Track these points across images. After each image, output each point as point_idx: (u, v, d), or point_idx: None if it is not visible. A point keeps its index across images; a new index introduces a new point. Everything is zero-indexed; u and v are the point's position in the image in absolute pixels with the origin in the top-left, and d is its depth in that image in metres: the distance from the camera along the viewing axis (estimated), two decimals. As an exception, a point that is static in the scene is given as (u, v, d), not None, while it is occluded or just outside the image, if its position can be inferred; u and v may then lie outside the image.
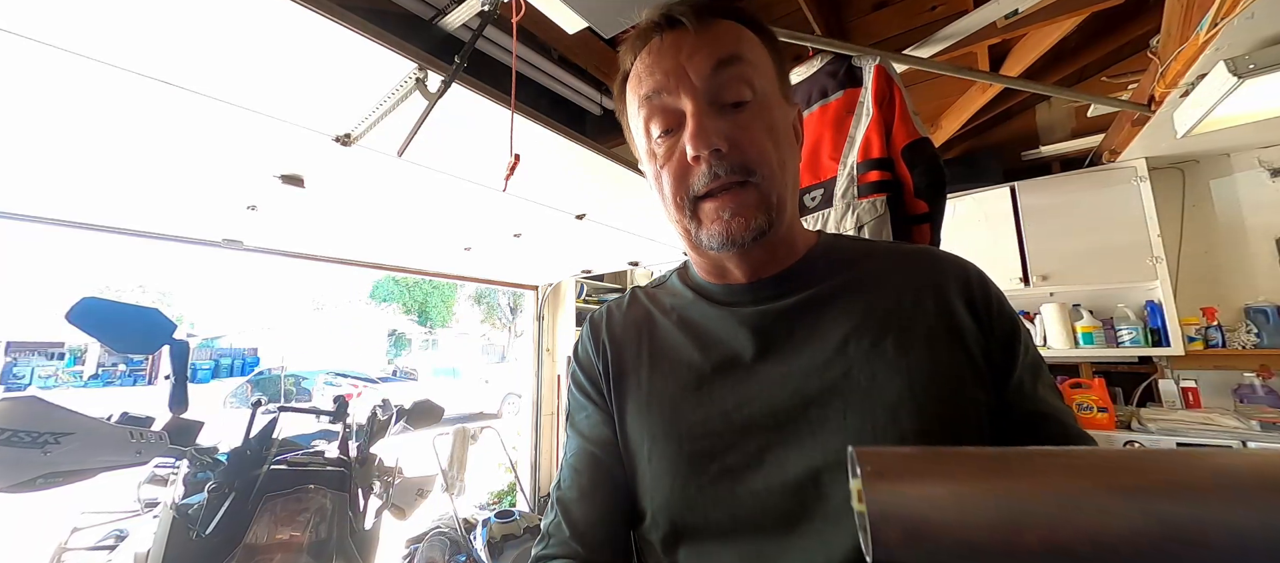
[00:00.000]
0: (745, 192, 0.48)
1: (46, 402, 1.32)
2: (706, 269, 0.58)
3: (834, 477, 0.43)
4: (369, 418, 2.14)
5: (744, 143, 0.47)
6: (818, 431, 0.45)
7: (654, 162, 0.52)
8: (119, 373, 16.75)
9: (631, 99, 0.53)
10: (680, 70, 0.48)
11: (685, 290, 0.60)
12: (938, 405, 0.45)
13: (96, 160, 1.65)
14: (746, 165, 0.47)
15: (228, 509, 1.52)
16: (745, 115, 0.48)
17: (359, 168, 1.78)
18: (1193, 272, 2.41)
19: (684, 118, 0.48)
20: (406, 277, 16.18)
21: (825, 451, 0.44)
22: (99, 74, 1.18)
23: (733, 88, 0.48)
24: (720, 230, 0.48)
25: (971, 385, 0.46)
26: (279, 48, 1.16)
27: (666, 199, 0.52)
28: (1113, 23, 2.01)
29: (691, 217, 0.50)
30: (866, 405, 0.45)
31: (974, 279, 0.53)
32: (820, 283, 0.53)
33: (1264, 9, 1.24)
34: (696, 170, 0.48)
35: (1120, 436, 2.09)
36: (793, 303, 0.52)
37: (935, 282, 0.52)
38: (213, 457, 1.63)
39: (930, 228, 1.22)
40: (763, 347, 0.51)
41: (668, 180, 0.50)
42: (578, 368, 0.62)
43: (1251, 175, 2.36)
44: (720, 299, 0.56)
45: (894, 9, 1.85)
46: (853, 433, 0.44)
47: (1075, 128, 2.68)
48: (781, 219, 0.50)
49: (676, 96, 0.49)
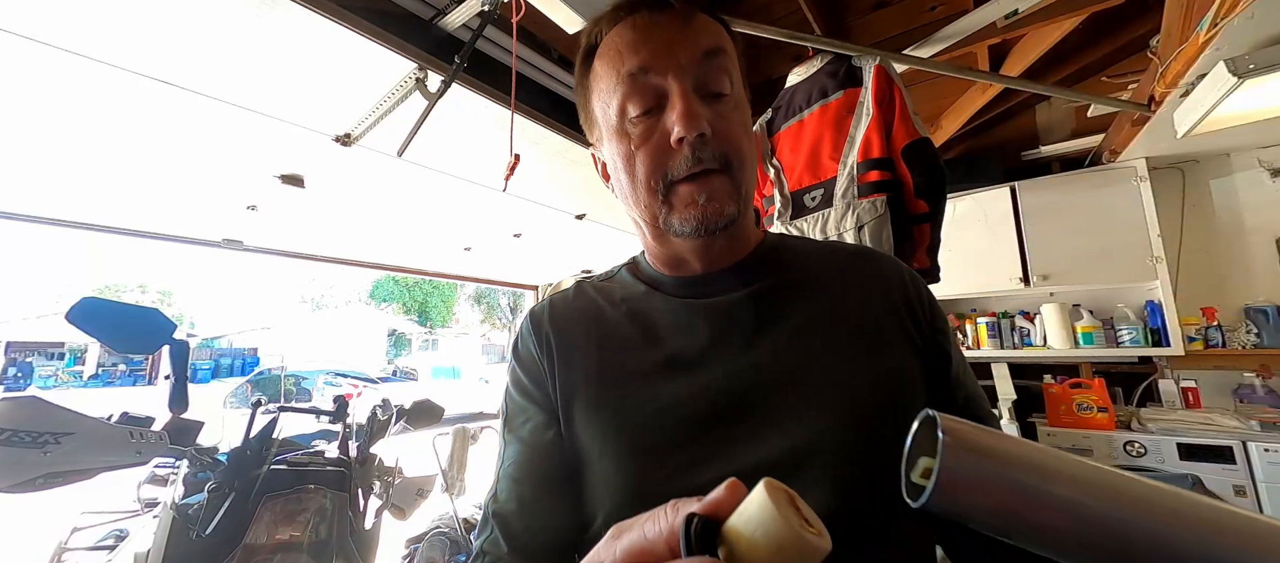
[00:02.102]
0: (722, 178, 0.48)
1: (46, 402, 1.32)
2: (662, 260, 0.57)
3: (792, 465, 0.43)
4: (369, 418, 2.14)
5: (725, 132, 0.48)
6: (777, 420, 0.45)
7: (624, 141, 0.50)
8: (119, 373, 16.76)
9: (605, 74, 0.51)
10: (670, 51, 0.48)
11: (636, 283, 0.59)
12: (887, 394, 0.47)
13: (97, 160, 1.65)
14: (726, 154, 0.48)
15: (228, 509, 1.52)
16: (725, 107, 0.49)
17: (359, 168, 1.78)
18: (1193, 272, 2.41)
19: (666, 100, 0.48)
20: (406, 277, 16.21)
21: (785, 439, 0.44)
22: (99, 74, 1.18)
23: (717, 79, 0.49)
24: (696, 215, 0.48)
25: (915, 376, 0.49)
26: (279, 48, 1.16)
27: (637, 181, 0.50)
28: (1113, 23, 2.01)
29: (664, 201, 0.50)
30: (823, 395, 0.46)
31: (911, 279, 0.55)
32: (773, 276, 0.54)
33: (1264, 9, 1.24)
34: (679, 154, 0.47)
35: (1120, 436, 2.09)
36: (748, 293, 0.52)
37: (879, 280, 0.54)
38: (213, 457, 1.63)
39: (930, 228, 1.22)
40: (719, 337, 0.50)
41: (642, 161, 0.49)
42: (518, 367, 0.58)
43: (1251, 175, 2.36)
44: (674, 291, 0.55)
45: (894, 9, 1.85)
46: (812, 422, 0.45)
47: (1075, 128, 2.68)
48: (746, 211, 0.52)
49: (663, 77, 0.48)
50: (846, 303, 0.52)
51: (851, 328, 0.50)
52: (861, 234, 1.23)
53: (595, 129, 0.56)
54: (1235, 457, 1.88)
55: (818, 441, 0.44)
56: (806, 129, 1.46)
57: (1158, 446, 2.00)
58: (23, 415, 1.26)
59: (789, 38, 1.53)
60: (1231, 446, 1.89)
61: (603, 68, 0.51)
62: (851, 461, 0.44)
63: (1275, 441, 1.84)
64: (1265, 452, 1.83)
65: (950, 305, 2.94)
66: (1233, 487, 1.86)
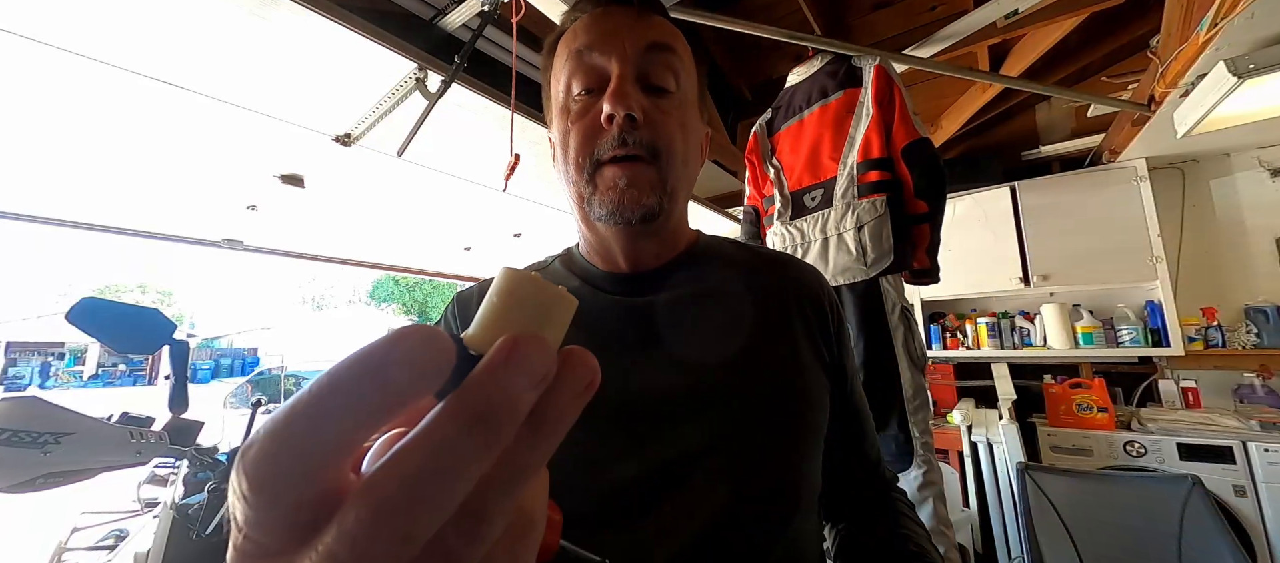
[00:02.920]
0: (646, 168, 0.48)
1: (46, 402, 1.32)
2: (594, 251, 0.58)
3: (698, 463, 0.45)
4: (369, 418, 2.14)
5: (658, 122, 0.49)
6: (686, 419, 0.47)
7: (565, 118, 0.52)
8: (119, 373, 16.75)
9: (561, 54, 0.53)
10: (616, 36, 0.50)
11: (569, 276, 0.59)
12: (802, 397, 0.51)
13: (96, 160, 1.65)
14: (654, 145, 0.48)
15: (228, 509, 1.52)
16: (665, 102, 0.50)
17: (359, 168, 1.78)
18: (1193, 272, 2.41)
19: (607, 81, 0.49)
20: (406, 277, 16.22)
21: (688, 439, 0.46)
22: (99, 74, 1.18)
23: (659, 73, 0.50)
24: (613, 199, 0.48)
25: (820, 386, 0.54)
26: (279, 48, 1.16)
27: (569, 157, 0.51)
28: (1113, 23, 2.01)
29: (589, 181, 0.50)
30: (729, 398, 0.48)
31: (827, 291, 0.60)
32: (702, 280, 0.55)
33: (1264, 9, 1.24)
34: (607, 134, 0.48)
35: (1120, 436, 2.09)
36: (671, 297, 0.53)
37: (796, 288, 0.57)
38: (213, 457, 1.63)
39: (930, 228, 1.22)
40: (641, 336, 0.51)
41: (575, 138, 0.50)
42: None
43: (1251, 175, 2.36)
44: (604, 287, 0.56)
45: (894, 9, 1.85)
46: (713, 422, 0.47)
47: (1075, 128, 2.68)
48: (672, 209, 0.52)
49: (607, 58, 0.49)
50: (769, 309, 0.55)
51: (771, 333, 0.53)
52: (862, 234, 1.23)
53: (549, 111, 0.58)
54: (1235, 457, 1.88)
55: (720, 442, 0.46)
56: (806, 129, 1.46)
57: (1158, 445, 2.00)
58: (23, 415, 1.26)
59: (789, 38, 1.53)
60: (1231, 446, 1.89)
61: (560, 48, 0.54)
62: (753, 461, 0.46)
63: (1275, 441, 1.84)
64: (1265, 452, 1.83)
65: (950, 305, 2.94)
66: (1233, 487, 1.86)
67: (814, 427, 0.51)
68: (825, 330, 0.56)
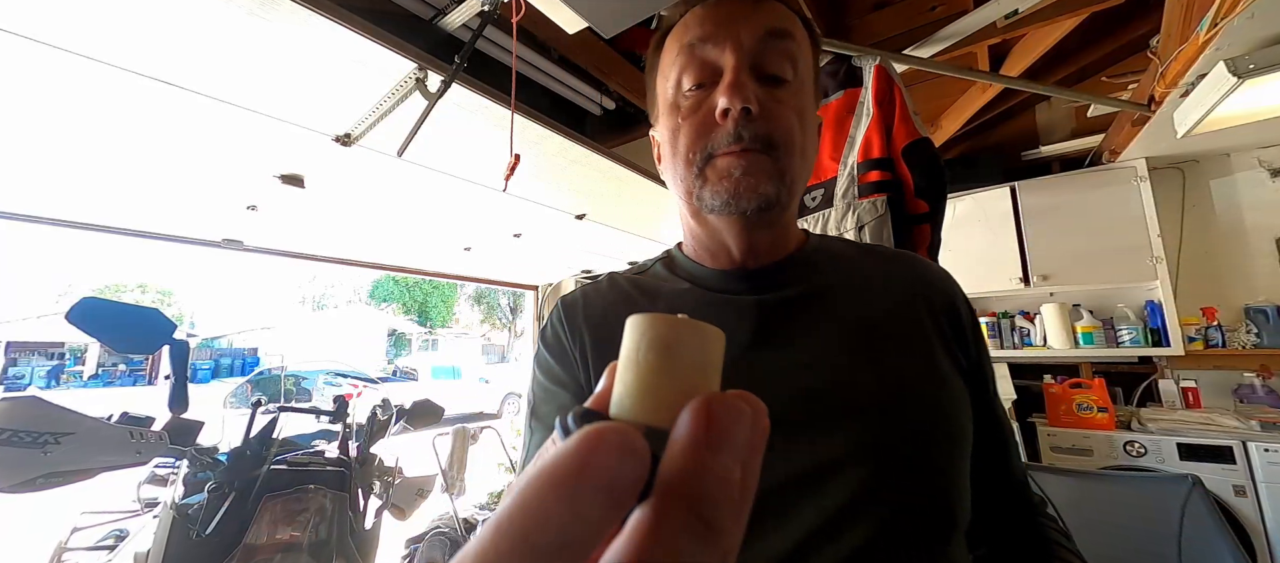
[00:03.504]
0: (763, 157, 0.46)
1: (47, 402, 1.32)
2: (703, 248, 0.54)
3: (835, 474, 0.41)
4: (369, 418, 2.14)
5: (775, 114, 0.46)
6: (819, 426, 0.43)
7: (675, 114, 0.49)
8: (119, 373, 16.76)
9: (670, 49, 0.51)
10: (731, 26, 0.47)
11: (674, 278, 0.56)
12: (948, 405, 0.46)
13: (96, 160, 1.65)
14: (771, 137, 0.46)
15: (228, 509, 1.52)
16: (782, 91, 0.48)
17: (359, 168, 1.78)
18: (1193, 272, 2.41)
19: (720, 74, 0.47)
20: (406, 277, 16.19)
21: (828, 447, 0.42)
22: (99, 74, 1.18)
23: (776, 61, 0.47)
24: (728, 188, 0.46)
25: (961, 395, 0.48)
26: (279, 48, 1.16)
27: (678, 153, 0.49)
28: (1113, 23, 2.01)
29: (699, 174, 0.48)
30: (868, 403, 0.44)
31: (959, 292, 0.55)
32: (818, 277, 0.52)
33: (1264, 9, 1.24)
34: (721, 128, 0.46)
35: (1120, 436, 2.09)
36: (793, 294, 0.50)
37: (925, 289, 0.52)
38: (213, 457, 1.63)
39: (930, 228, 1.22)
40: (761, 338, 0.48)
41: (685, 133, 0.48)
42: (547, 354, 0.55)
43: (1251, 175, 2.36)
44: (714, 286, 0.53)
45: (894, 9, 1.85)
46: (855, 430, 0.43)
47: (1075, 128, 2.68)
48: (790, 201, 0.49)
49: (720, 50, 0.47)
50: (893, 310, 0.50)
51: (898, 338, 0.48)
52: (862, 234, 1.23)
53: (655, 109, 0.55)
54: (1235, 457, 1.88)
55: (863, 453, 0.42)
56: (806, 129, 1.45)
57: (1158, 445, 2.00)
58: (23, 415, 1.26)
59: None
60: (1231, 446, 1.89)
61: (669, 44, 0.51)
62: (896, 475, 0.42)
63: (1275, 441, 1.84)
64: (1265, 452, 1.83)
65: (950, 305, 2.93)
66: (1233, 487, 1.86)
67: (962, 438, 0.46)
68: (960, 333, 0.51)
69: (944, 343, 0.49)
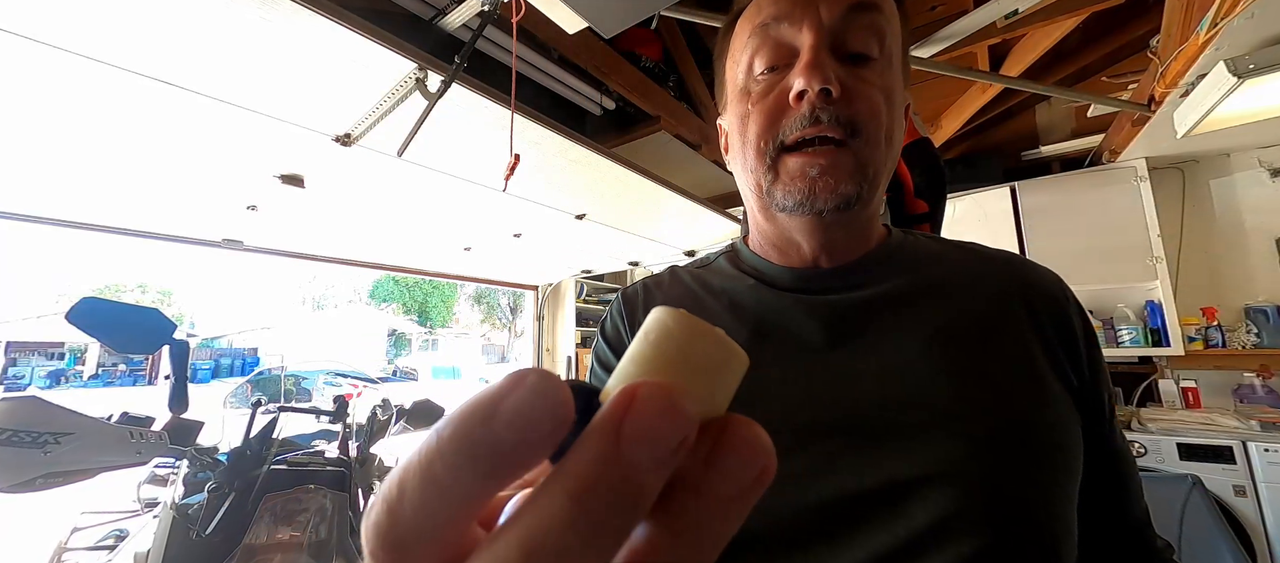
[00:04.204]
0: (842, 153, 0.41)
1: (46, 402, 1.32)
2: (771, 244, 0.50)
3: (917, 492, 0.37)
4: (369, 418, 2.14)
5: (858, 95, 0.41)
6: (899, 439, 0.39)
7: (744, 100, 0.45)
8: (119, 373, 16.76)
9: (741, 31, 0.47)
10: (809, 3, 0.42)
11: (738, 273, 0.52)
12: (1054, 426, 0.40)
13: (96, 160, 1.65)
14: (854, 121, 0.41)
15: (228, 509, 1.52)
16: (867, 70, 0.43)
17: (359, 168, 1.78)
18: (1193, 272, 2.41)
19: (796, 55, 0.42)
20: (406, 277, 16.24)
21: (908, 463, 0.38)
22: (99, 74, 1.18)
23: (861, 37, 0.42)
24: (803, 188, 0.42)
25: (1070, 418, 0.42)
26: (279, 48, 1.16)
27: (748, 142, 0.45)
28: (1113, 23, 2.01)
29: (770, 168, 0.43)
30: (954, 418, 0.39)
31: (1073, 300, 0.47)
32: (900, 277, 0.47)
33: (1264, 9, 1.24)
34: (795, 112, 0.41)
35: (1120, 436, 2.09)
36: (872, 295, 0.45)
37: (1026, 292, 0.46)
38: (213, 457, 1.63)
39: (930, 228, 1.22)
40: (835, 339, 0.43)
41: (755, 120, 0.44)
42: (604, 344, 0.53)
43: (1251, 175, 2.36)
44: (783, 284, 0.48)
45: (894, 9, 1.85)
46: (938, 448, 0.38)
47: (1075, 128, 2.68)
48: (872, 196, 0.44)
49: (797, 28, 0.42)
50: (986, 316, 0.44)
51: (997, 349, 0.42)
52: (861, 234, 1.23)
53: (723, 96, 0.51)
54: (1235, 457, 1.88)
55: (950, 470, 0.37)
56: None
57: (1158, 445, 2.00)
58: (23, 415, 1.26)
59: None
60: (1231, 446, 1.89)
61: (741, 26, 0.47)
62: (998, 499, 0.36)
63: (1275, 441, 1.84)
64: (1265, 452, 1.82)
65: (950, 305, 2.93)
66: (1233, 487, 1.86)
67: (1069, 466, 0.40)
68: (1072, 348, 0.44)
69: (1048, 355, 0.43)
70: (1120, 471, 0.45)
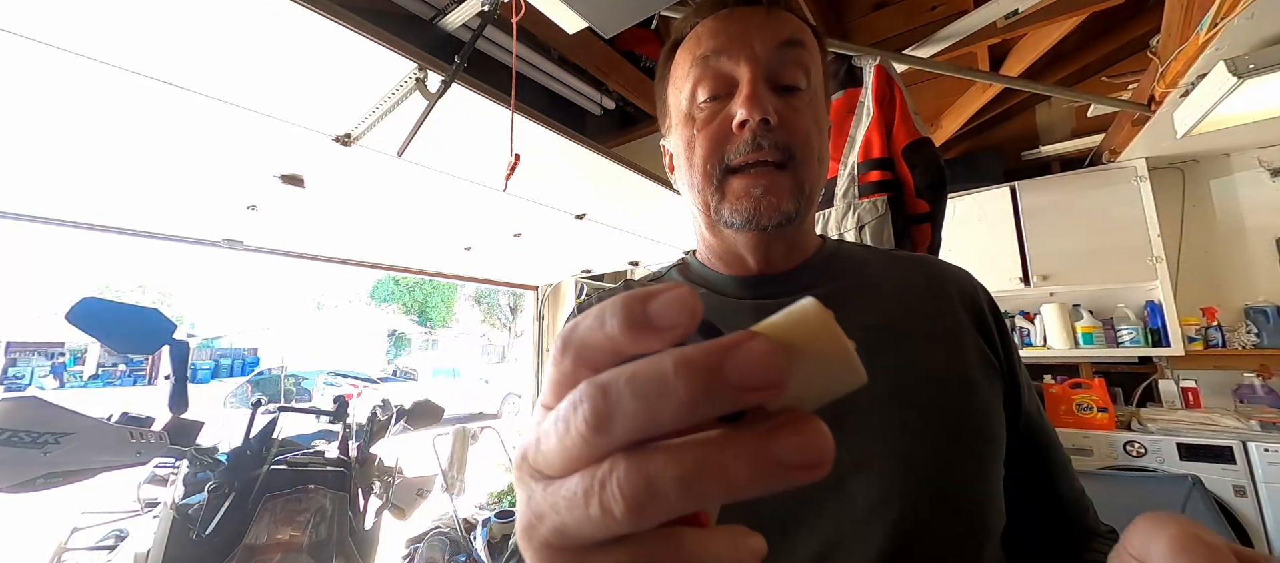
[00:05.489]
0: (781, 174, 0.46)
1: (46, 402, 1.32)
2: (717, 257, 0.55)
3: (857, 476, 0.41)
4: (369, 418, 2.14)
5: (793, 124, 0.47)
6: (841, 430, 0.41)
7: (689, 126, 0.50)
8: (119, 373, 16.75)
9: (682, 60, 0.51)
10: (745, 38, 0.47)
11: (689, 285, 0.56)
12: (978, 404, 0.45)
13: (96, 160, 1.65)
14: (790, 146, 0.46)
15: (228, 509, 1.52)
16: (797, 100, 0.48)
17: (359, 168, 1.78)
18: (1193, 272, 2.41)
19: (735, 86, 0.47)
20: (406, 277, 16.21)
21: (851, 452, 0.41)
22: (99, 74, 1.18)
23: (791, 71, 0.48)
24: (748, 207, 0.46)
25: (998, 389, 0.47)
26: (279, 48, 1.16)
27: (695, 166, 0.49)
28: (1113, 23, 2.01)
29: (717, 189, 0.48)
30: (891, 407, 0.43)
31: (983, 290, 0.54)
32: (836, 280, 0.52)
33: (1264, 9, 1.24)
34: (738, 139, 0.46)
35: (1120, 436, 2.08)
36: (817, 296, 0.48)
37: (944, 289, 0.52)
38: (213, 457, 1.63)
39: (931, 228, 1.22)
40: None
41: (701, 146, 0.48)
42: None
43: (1251, 175, 2.36)
44: (731, 292, 0.53)
45: (894, 9, 1.85)
46: (877, 434, 0.42)
47: (1075, 128, 2.68)
48: (809, 211, 0.49)
49: (735, 62, 0.47)
50: (913, 313, 0.49)
51: (918, 338, 0.47)
52: (862, 234, 1.23)
53: (667, 119, 0.56)
54: (1235, 457, 1.88)
55: (883, 453, 0.42)
56: (806, 129, 1.45)
57: (1158, 445, 2.00)
58: (23, 416, 1.26)
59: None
60: (1231, 446, 1.89)
61: (682, 55, 0.52)
62: (927, 476, 0.41)
63: (1275, 441, 1.84)
64: (1265, 452, 1.82)
65: (950, 305, 2.93)
66: (1233, 487, 1.86)
67: (994, 439, 0.45)
68: (987, 332, 0.50)
69: (971, 342, 0.48)
70: (1046, 446, 0.51)
